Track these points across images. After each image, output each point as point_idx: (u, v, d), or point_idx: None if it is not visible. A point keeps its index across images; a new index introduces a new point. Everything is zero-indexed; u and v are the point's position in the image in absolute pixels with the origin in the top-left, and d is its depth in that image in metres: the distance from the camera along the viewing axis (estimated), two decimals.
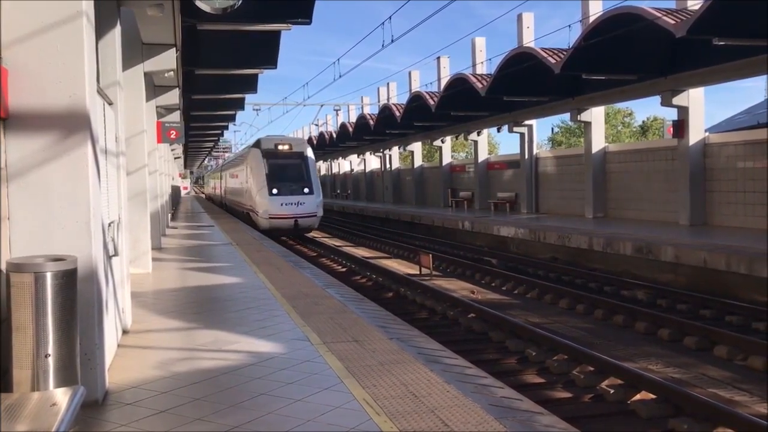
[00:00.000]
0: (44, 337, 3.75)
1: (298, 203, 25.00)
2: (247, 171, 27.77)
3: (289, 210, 24.83)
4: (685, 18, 15.17)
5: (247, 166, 27.85)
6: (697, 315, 11.64)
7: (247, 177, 28.07)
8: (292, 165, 26.28)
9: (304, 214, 25.18)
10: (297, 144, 27.81)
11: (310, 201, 25.41)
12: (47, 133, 4.48)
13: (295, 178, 25.86)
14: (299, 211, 25.01)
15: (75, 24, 4.49)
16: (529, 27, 26.15)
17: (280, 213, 24.76)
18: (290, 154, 26.60)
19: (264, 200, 24.98)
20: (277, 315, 7.94)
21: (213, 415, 4.57)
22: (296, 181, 25.71)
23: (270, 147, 26.51)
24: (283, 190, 25.13)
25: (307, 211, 25.25)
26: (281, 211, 24.76)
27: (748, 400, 7.55)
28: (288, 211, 24.81)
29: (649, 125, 59.74)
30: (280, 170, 25.77)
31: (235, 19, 11.27)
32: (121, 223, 6.85)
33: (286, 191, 25.13)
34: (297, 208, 24.94)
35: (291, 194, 25.09)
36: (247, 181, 28.07)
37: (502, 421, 4.39)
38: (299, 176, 26.02)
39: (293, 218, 24.90)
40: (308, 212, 25.30)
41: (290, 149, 26.80)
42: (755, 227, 17.05)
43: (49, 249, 4.34)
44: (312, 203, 25.48)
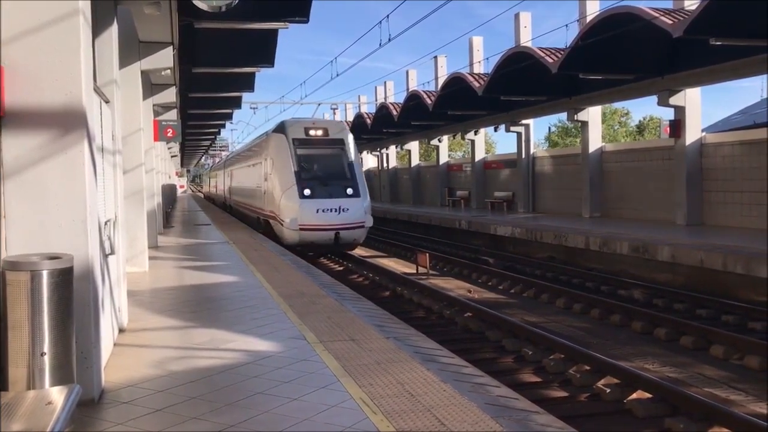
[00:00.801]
0: (40, 335, 3.74)
1: (340, 209, 18.14)
2: (267, 165, 20.75)
3: (328, 219, 17.99)
4: (682, 18, 15.20)
5: (267, 158, 20.82)
6: (694, 315, 11.66)
7: (265, 173, 20.94)
8: (330, 156, 19.64)
9: (348, 224, 18.20)
10: (335, 128, 20.66)
11: (356, 206, 18.45)
12: (43, 131, 4.46)
13: (335, 174, 19.12)
14: (342, 221, 18.09)
15: (71, 22, 4.48)
16: (527, 26, 26.18)
17: (316, 223, 17.93)
18: (327, 142, 19.82)
19: (292, 205, 18.19)
20: (274, 314, 7.93)
21: (209, 414, 4.57)
22: (336, 179, 18.94)
23: (299, 132, 19.63)
24: (319, 191, 18.34)
25: (353, 219, 18.26)
26: (317, 221, 17.93)
27: (744, 400, 7.56)
28: (326, 221, 17.97)
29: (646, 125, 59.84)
30: (314, 164, 19.19)
31: (233, 17, 11.26)
32: (117, 222, 6.83)
33: (323, 193, 18.33)
34: (338, 215, 18.09)
35: (330, 197, 18.26)
36: (265, 179, 20.90)
37: (498, 420, 4.39)
38: (340, 172, 19.26)
39: (333, 230, 18.04)
40: (353, 221, 18.30)
41: (326, 135, 19.94)
42: (752, 227, 17.08)
43: (46, 247, 4.34)
44: (358, 209, 18.49)
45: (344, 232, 18.20)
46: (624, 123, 61.92)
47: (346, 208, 18.21)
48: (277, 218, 19.11)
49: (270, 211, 20.26)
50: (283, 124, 20.34)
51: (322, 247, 18.67)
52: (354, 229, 18.42)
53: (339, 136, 20.15)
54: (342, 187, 18.70)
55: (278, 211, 18.90)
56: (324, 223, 17.97)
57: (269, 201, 20.23)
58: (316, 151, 19.59)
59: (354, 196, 18.58)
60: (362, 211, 18.59)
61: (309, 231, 17.99)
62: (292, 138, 19.41)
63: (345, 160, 19.56)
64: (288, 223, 18.03)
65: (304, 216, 17.94)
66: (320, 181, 18.62)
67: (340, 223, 18.10)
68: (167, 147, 32.69)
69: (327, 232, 18.02)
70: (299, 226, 17.90)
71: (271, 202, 20.01)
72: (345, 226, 18.19)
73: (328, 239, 18.10)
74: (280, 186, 18.93)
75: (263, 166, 21.52)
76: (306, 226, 17.95)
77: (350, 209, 18.27)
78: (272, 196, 19.73)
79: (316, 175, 18.88)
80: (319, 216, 17.96)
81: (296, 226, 17.88)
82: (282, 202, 18.64)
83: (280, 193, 18.78)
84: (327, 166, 19.28)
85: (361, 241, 19.30)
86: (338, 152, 19.74)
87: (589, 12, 20.84)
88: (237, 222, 26.63)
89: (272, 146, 20.38)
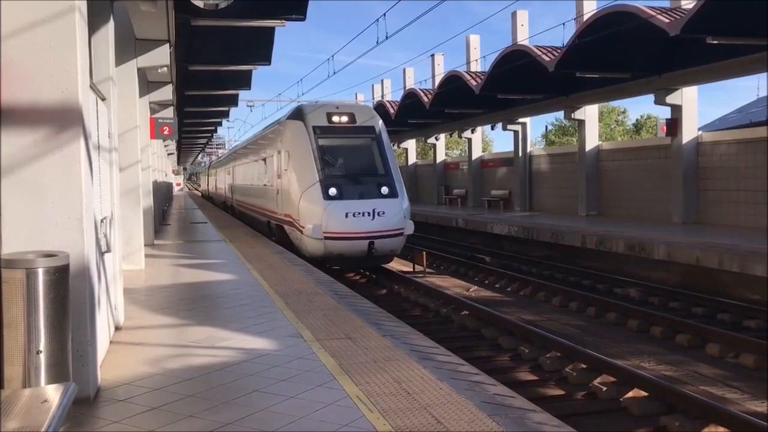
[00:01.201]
0: (36, 333, 3.73)
1: (374, 213, 14.82)
2: (281, 159, 17.26)
3: (360, 225, 14.70)
4: (679, 17, 15.21)
5: (281, 150, 17.36)
6: (690, 313, 11.68)
7: (279, 168, 17.51)
8: (360, 148, 16.48)
9: (384, 231, 14.88)
10: (363, 113, 17.15)
11: (394, 208, 15.17)
12: (39, 128, 4.45)
13: (367, 169, 15.92)
14: (376, 227, 14.78)
15: (67, 19, 4.46)
16: (524, 25, 26.17)
17: (344, 230, 14.64)
18: (354, 130, 16.56)
19: (314, 208, 14.93)
20: (271, 312, 7.93)
21: (205, 412, 4.56)
22: (369, 175, 15.68)
23: (320, 119, 16.32)
24: (348, 190, 15.11)
25: (390, 225, 14.98)
26: (346, 227, 14.65)
27: (739, 398, 7.59)
28: (358, 227, 14.68)
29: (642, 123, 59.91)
30: (340, 157, 16.01)
31: (229, 15, 11.23)
32: (113, 220, 6.82)
33: (353, 193, 15.08)
34: (372, 221, 14.76)
35: (361, 197, 15.03)
36: (279, 176, 17.47)
37: (494, 418, 4.40)
38: (372, 166, 16.06)
39: (366, 238, 14.67)
40: (391, 228, 15.01)
41: (353, 122, 16.60)
42: (748, 225, 17.11)
43: (42, 245, 4.32)
44: (396, 212, 15.18)
45: (380, 242, 14.76)
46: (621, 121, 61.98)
47: (382, 212, 14.84)
48: (294, 224, 15.70)
49: (285, 214, 16.63)
50: (300, 109, 16.88)
51: (352, 261, 15.14)
52: (392, 237, 14.96)
53: (369, 122, 16.64)
54: (376, 186, 15.34)
55: (296, 216, 15.49)
56: (355, 231, 14.60)
57: (284, 203, 16.71)
58: (342, 142, 16.28)
59: (390, 196, 15.24)
60: (401, 215, 15.21)
61: (336, 240, 14.62)
62: (312, 126, 15.98)
63: (378, 152, 16.19)
64: (309, 230, 14.64)
65: (329, 222, 14.57)
66: (349, 178, 15.31)
67: (375, 230, 14.73)
68: (164, 145, 32.62)
69: (358, 242, 14.64)
70: (324, 234, 14.57)
71: (286, 204, 16.46)
72: (381, 234, 14.79)
73: (359, 251, 14.68)
74: (299, 184, 15.55)
75: (276, 161, 17.87)
76: (332, 234, 14.57)
77: (387, 213, 14.90)
78: (288, 197, 16.27)
79: (344, 170, 15.57)
80: (349, 222, 14.60)
81: (320, 234, 14.56)
82: (302, 205, 15.24)
83: (299, 193, 15.39)
84: (356, 160, 16.02)
85: (398, 252, 15.82)
86: (369, 142, 16.37)
87: (586, 10, 20.84)
88: (234, 220, 26.49)
89: (288, 136, 16.78)
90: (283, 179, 16.79)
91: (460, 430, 4.20)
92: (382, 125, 16.82)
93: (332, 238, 14.58)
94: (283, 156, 16.86)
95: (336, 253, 14.73)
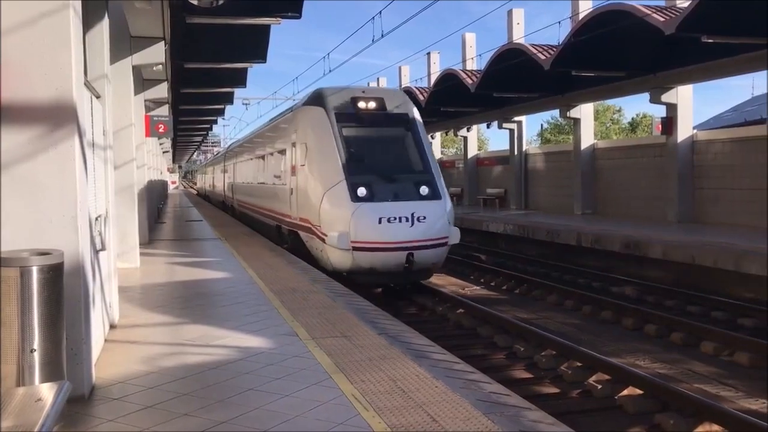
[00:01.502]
0: (30, 332, 3.71)
1: (414, 218, 12.10)
2: (295, 152, 14.53)
3: (397, 232, 11.99)
4: (674, 15, 15.25)
5: (296, 142, 14.54)
6: (685, 311, 11.71)
7: (293, 164, 14.70)
8: (393, 140, 13.76)
9: (425, 240, 12.16)
10: (395, 99, 14.30)
11: (436, 212, 12.49)
12: (34, 126, 4.43)
13: (402, 165, 13.25)
14: (416, 235, 12.07)
15: (62, 16, 4.45)
16: (519, 23, 26.19)
17: (377, 239, 11.97)
18: (385, 119, 13.81)
19: (340, 211, 12.31)
20: (266, 310, 7.92)
21: (200, 410, 4.56)
22: (405, 172, 13.03)
23: (344, 104, 13.62)
24: (381, 190, 12.44)
25: (432, 233, 12.28)
26: (379, 236, 11.98)
27: (733, 396, 7.61)
28: (393, 235, 11.98)
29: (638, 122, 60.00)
30: (369, 150, 13.31)
31: (225, 12, 11.21)
32: (108, 218, 6.80)
33: (387, 193, 12.41)
34: (412, 228, 12.06)
35: (397, 199, 12.33)
36: (293, 173, 14.71)
37: (490, 417, 4.40)
38: (409, 161, 13.39)
39: (404, 249, 11.95)
40: (434, 237, 12.31)
41: (382, 108, 13.81)
42: (743, 223, 17.15)
43: (36, 243, 4.30)
44: (439, 216, 12.52)
45: (420, 254, 11.99)
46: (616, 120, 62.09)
47: (422, 216, 12.13)
48: (314, 231, 13.02)
49: (301, 219, 13.91)
50: (320, 93, 13.99)
51: (385, 276, 12.37)
52: (434, 248, 12.25)
53: (401, 109, 13.94)
54: (413, 185, 12.67)
55: (316, 221, 12.84)
56: (391, 240, 11.91)
57: (301, 205, 13.96)
58: (372, 132, 13.57)
59: (432, 198, 12.59)
60: (445, 220, 12.55)
61: (367, 252, 11.97)
62: (335, 112, 13.33)
63: (413, 145, 13.52)
64: (334, 239, 11.97)
65: (359, 229, 11.94)
66: (381, 175, 12.62)
67: (415, 239, 11.99)
68: (159, 143, 32.56)
69: (394, 254, 11.93)
70: (352, 244, 11.93)
71: (303, 207, 13.76)
72: (421, 244, 12.05)
73: (396, 264, 11.95)
74: (320, 183, 12.92)
75: (289, 155, 15.21)
76: (362, 243, 11.93)
77: (428, 217, 12.20)
78: (306, 198, 13.54)
79: (375, 166, 12.84)
80: (383, 229, 11.93)
81: (347, 243, 11.91)
82: (323, 208, 12.57)
83: (320, 194, 12.72)
84: (389, 154, 13.44)
85: (441, 265, 13.28)
86: (402, 132, 13.71)
87: (582, 9, 20.88)
88: (230, 218, 26.44)
89: (305, 125, 14.12)
90: (299, 177, 14.05)
91: (456, 428, 4.20)
92: (417, 113, 14.15)
93: (362, 248, 11.93)
94: (299, 149, 14.15)
95: (366, 267, 12.07)
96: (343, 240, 11.93)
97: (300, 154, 14.06)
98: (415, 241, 12.02)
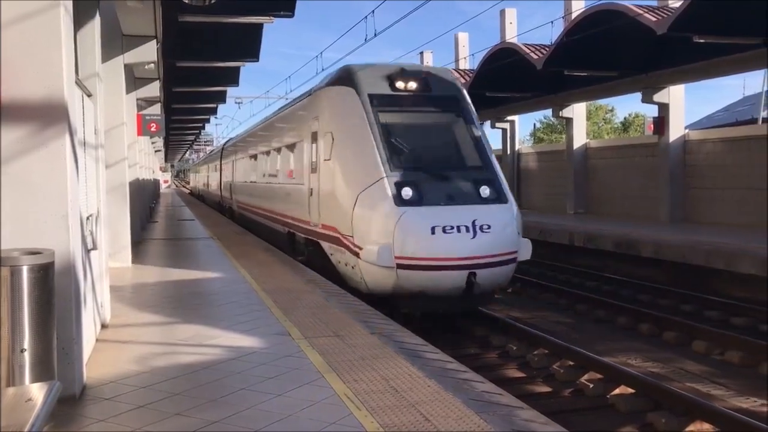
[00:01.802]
0: (20, 332, 3.69)
1: (475, 227, 9.55)
2: (318, 143, 11.76)
3: (456, 245, 9.43)
4: (666, 15, 15.30)
5: (319, 130, 11.75)
6: (678, 310, 11.75)
7: (314, 158, 12.01)
8: (442, 128, 11.21)
9: (492, 256, 9.62)
10: (440, 79, 11.59)
11: (503, 219, 10.01)
12: (24, 124, 4.40)
13: (455, 160, 10.81)
14: (481, 250, 9.54)
15: (52, 14, 4.42)
16: (512, 23, 26.24)
17: (431, 254, 9.40)
18: (431, 103, 11.21)
19: (381, 217, 9.75)
20: (258, 310, 7.90)
21: (192, 410, 4.54)
22: (459, 168, 10.59)
23: (380, 84, 11.06)
24: (433, 191, 9.94)
25: (500, 247, 9.75)
26: (433, 250, 9.40)
27: (725, 394, 7.65)
28: (452, 249, 9.41)
29: (630, 122, 60.22)
30: (414, 140, 10.71)
31: (217, 11, 11.18)
32: (100, 217, 6.77)
33: (439, 195, 9.92)
34: (474, 239, 9.50)
35: (451, 202, 9.86)
36: (313, 169, 12.00)
37: (482, 416, 4.40)
38: (462, 156, 10.87)
39: (466, 267, 9.36)
40: (502, 251, 9.78)
41: (427, 89, 11.20)
42: (734, 222, 17.23)
43: (27, 242, 4.27)
44: (507, 224, 10.04)
45: (485, 273, 9.35)
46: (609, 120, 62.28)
47: (486, 225, 9.50)
48: (343, 242, 10.34)
49: (325, 226, 11.20)
50: (349, 70, 11.27)
51: (438, 302, 9.54)
52: (501, 265, 9.64)
53: (450, 91, 11.41)
54: (472, 184, 10.12)
55: (346, 229, 10.17)
56: (448, 256, 9.25)
57: (325, 209, 11.22)
58: (416, 118, 10.99)
59: (496, 201, 10.09)
60: (513, 229, 10.01)
61: (417, 270, 9.27)
62: (368, 93, 10.76)
63: (468, 134, 10.97)
64: (373, 253, 9.30)
65: (407, 240, 9.29)
66: (430, 172, 10.08)
67: (479, 254, 9.37)
68: (151, 142, 32.46)
69: (453, 273, 9.24)
70: (396, 261, 9.26)
71: (328, 212, 11.06)
72: (487, 260, 9.41)
73: (453, 287, 9.25)
74: (353, 181, 10.33)
75: (307, 148, 12.50)
76: (411, 260, 9.26)
77: (493, 226, 9.56)
78: (332, 201, 10.88)
79: (422, 160, 10.36)
80: (439, 241, 9.28)
81: (390, 259, 9.25)
82: (357, 213, 9.92)
83: (353, 196, 10.10)
84: (438, 145, 10.90)
85: (505, 283, 10.85)
86: (453, 119, 11.14)
87: (575, 9, 20.93)
88: (221, 217, 26.30)
89: (330, 110, 11.48)
90: (323, 174, 11.34)
91: (448, 427, 4.20)
92: (467, 96, 11.61)
93: (410, 266, 9.26)
94: (323, 140, 11.39)
95: (414, 290, 9.37)
96: (385, 255, 9.23)
97: (323, 147, 11.33)
98: (479, 257, 9.36)
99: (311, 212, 12.02)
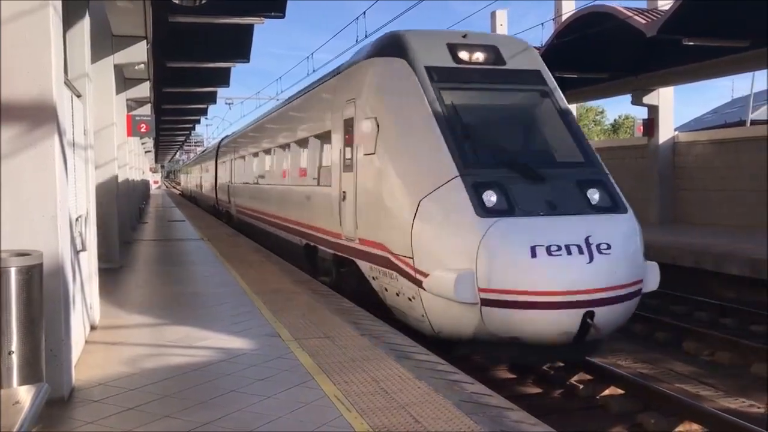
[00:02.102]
0: (8, 333, 3.66)
1: (590, 247, 6.66)
2: (355, 132, 9.10)
3: (566, 273, 6.52)
4: (656, 18, 15.37)
5: (356, 115, 9.10)
6: (668, 311, 11.80)
7: (350, 150, 9.32)
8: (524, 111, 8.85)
9: (614, 288, 6.69)
10: (515, 50, 8.98)
11: (623, 235, 7.12)
12: (13, 125, 4.38)
13: (547, 153, 8.25)
14: (599, 280, 6.58)
15: (41, 14, 4.40)
16: (503, 24, 26.25)
17: (533, 287, 6.48)
18: (506, 77, 8.68)
19: (455, 232, 6.99)
20: (249, 311, 7.88)
21: (182, 412, 4.52)
22: (553, 164, 7.95)
23: (440, 55, 8.50)
24: (525, 195, 7.13)
25: (623, 276, 6.81)
26: (535, 280, 6.51)
27: (713, 395, 7.69)
28: (560, 280, 6.49)
29: (620, 123, 60.51)
30: (491, 128, 8.33)
31: (208, 11, 11.17)
32: (89, 218, 6.74)
33: (534, 201, 7.11)
34: (590, 264, 6.59)
35: (552, 211, 7.07)
36: (347, 166, 9.41)
37: (472, 417, 4.41)
38: (553, 148, 8.31)
39: (581, 305, 6.46)
40: (625, 282, 6.83)
41: (499, 62, 8.70)
42: (723, 223, 17.33)
43: (16, 243, 4.25)
44: (628, 242, 7.13)
45: (606, 311, 6.71)
46: (599, 121, 62.58)
47: (605, 244, 6.85)
48: (396, 265, 7.77)
49: (366, 241, 8.66)
50: (399, 37, 8.81)
51: (538, 352, 7.10)
52: (626, 301, 6.99)
53: (530, 65, 9.03)
54: (576, 187, 7.53)
55: (402, 248, 7.59)
56: (557, 289, 6.58)
57: (369, 219, 8.60)
58: (490, 98, 8.66)
59: (612, 209, 7.47)
60: (638, 249, 7.39)
61: (511, 309, 6.67)
62: (426, 66, 8.34)
63: (560, 120, 8.61)
64: (447, 284, 6.73)
65: (497, 265, 6.69)
66: (519, 169, 7.50)
67: (598, 285, 6.68)
68: (141, 142, 32.33)
69: (562, 313, 6.61)
70: (481, 295, 6.69)
71: (372, 223, 8.50)
72: (609, 294, 6.76)
73: (561, 331, 6.69)
74: (410, 182, 7.81)
75: (337, 139, 10.00)
76: (502, 293, 6.66)
77: (614, 245, 6.90)
78: (378, 209, 8.32)
79: (506, 154, 7.90)
80: (543, 266, 6.64)
81: (472, 293, 6.67)
82: (419, 227, 7.34)
83: (411, 202, 7.54)
84: (524, 134, 8.76)
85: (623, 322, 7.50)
86: (537, 100, 8.84)
87: (565, 11, 20.99)
88: (211, 218, 26.20)
89: (373, 88, 8.92)
90: (362, 172, 8.85)
91: (438, 429, 4.21)
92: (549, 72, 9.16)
93: (501, 302, 6.68)
94: (363, 127, 8.83)
95: (506, 335, 6.86)
96: (466, 287, 6.62)
97: (364, 137, 8.76)
98: (599, 289, 6.65)
99: (344, 222, 9.37)
